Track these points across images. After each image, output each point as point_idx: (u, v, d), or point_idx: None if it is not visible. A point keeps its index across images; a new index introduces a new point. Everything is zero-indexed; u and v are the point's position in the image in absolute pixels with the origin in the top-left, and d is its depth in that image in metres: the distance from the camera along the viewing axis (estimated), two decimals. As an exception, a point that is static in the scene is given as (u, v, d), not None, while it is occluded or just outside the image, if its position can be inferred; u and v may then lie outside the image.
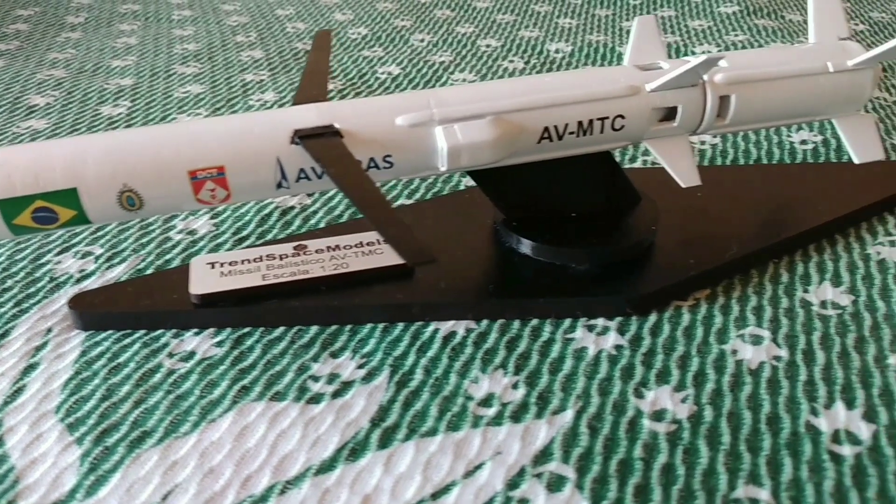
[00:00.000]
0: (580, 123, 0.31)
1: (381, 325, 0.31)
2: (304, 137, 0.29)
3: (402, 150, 0.30)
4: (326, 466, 0.25)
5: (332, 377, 0.29)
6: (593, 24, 0.69)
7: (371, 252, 0.34)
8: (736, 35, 0.65)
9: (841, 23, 0.36)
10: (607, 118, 0.32)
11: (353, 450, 0.25)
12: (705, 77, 0.32)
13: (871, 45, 0.58)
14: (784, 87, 0.33)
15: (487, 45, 0.64)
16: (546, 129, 0.31)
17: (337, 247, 0.34)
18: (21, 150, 0.28)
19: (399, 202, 0.41)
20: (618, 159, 0.43)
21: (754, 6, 0.72)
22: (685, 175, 0.33)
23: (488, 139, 0.30)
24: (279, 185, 0.29)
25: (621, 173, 0.35)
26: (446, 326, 0.31)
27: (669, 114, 0.33)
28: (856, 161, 0.36)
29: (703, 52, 0.61)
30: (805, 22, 0.68)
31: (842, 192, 0.39)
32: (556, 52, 0.62)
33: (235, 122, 0.29)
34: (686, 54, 0.61)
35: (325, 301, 0.31)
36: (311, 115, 0.29)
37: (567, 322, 0.31)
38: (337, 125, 0.29)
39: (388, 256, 0.33)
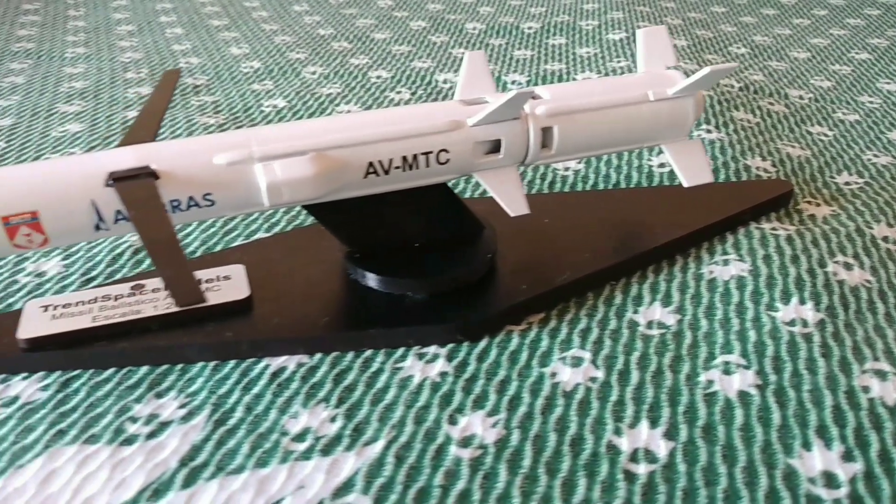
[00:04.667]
0: (405, 158, 0.32)
1: (211, 364, 0.31)
2: (118, 180, 0.29)
3: (221, 188, 0.30)
4: (124, 509, 0.25)
5: (150, 418, 0.29)
6: (486, 52, 0.70)
7: (208, 289, 0.34)
8: (618, 62, 0.68)
9: (669, 52, 0.38)
10: (431, 152, 0.32)
11: (157, 490, 0.25)
12: (527, 109, 0.34)
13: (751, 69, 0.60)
14: (605, 117, 0.35)
15: (378, 77, 0.65)
16: (371, 164, 0.32)
17: (177, 285, 0.34)
18: None
19: (257, 235, 0.41)
20: (464, 189, 0.45)
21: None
22: (513, 204, 0.34)
23: (309, 175, 0.31)
24: (97, 227, 0.30)
25: (459, 203, 0.36)
26: (277, 362, 0.32)
27: (495, 146, 0.34)
28: (685, 184, 0.38)
29: (584, 79, 0.63)
30: (688, 46, 0.71)
31: (686, 213, 0.41)
32: (445, 82, 0.64)
33: (50, 165, 0.30)
34: (569, 80, 0.63)
35: (154, 341, 0.31)
36: (127, 157, 0.30)
37: (400, 351, 0.32)
38: (154, 166, 0.29)
39: (223, 293, 0.33)
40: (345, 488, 0.25)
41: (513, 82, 0.63)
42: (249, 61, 0.69)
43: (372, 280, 0.35)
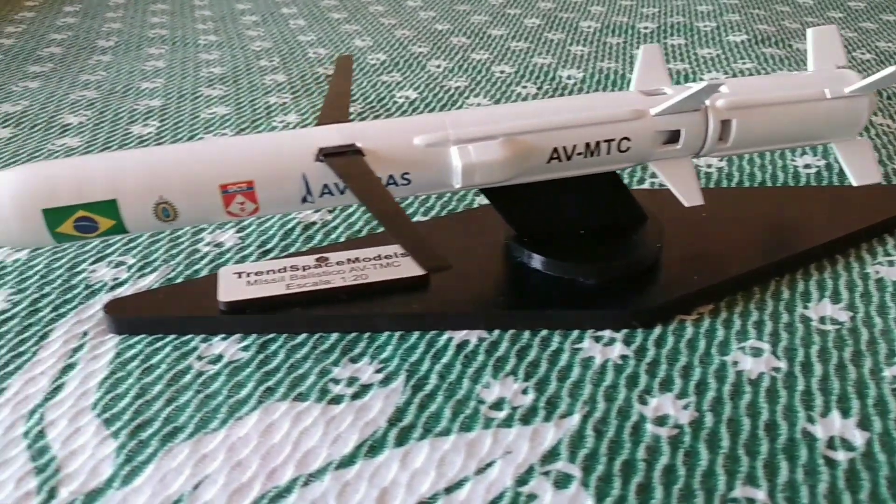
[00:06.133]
0: (588, 145, 0.33)
1: (397, 334, 0.33)
2: (328, 155, 0.31)
3: (419, 168, 0.32)
4: (346, 461, 0.26)
5: (351, 380, 0.30)
6: (605, 51, 0.71)
7: (389, 264, 0.35)
8: (744, 63, 0.67)
9: (839, 52, 0.38)
10: (613, 140, 0.33)
11: (372, 447, 0.27)
12: (707, 102, 0.34)
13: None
14: (782, 112, 0.35)
15: (501, 71, 0.66)
16: (555, 149, 0.33)
17: (357, 259, 0.36)
18: (65, 164, 0.30)
19: (415, 218, 0.42)
20: (626, 181, 0.45)
21: (762, 35, 0.74)
22: (689, 195, 0.35)
23: (500, 158, 0.32)
24: (304, 200, 0.31)
25: (627, 192, 0.37)
26: (459, 335, 0.33)
27: (673, 137, 0.34)
28: (854, 183, 0.38)
29: (712, 79, 0.63)
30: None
31: (842, 214, 0.41)
32: (569, 78, 0.64)
33: (264, 139, 0.32)
34: (695, 81, 0.63)
35: (346, 310, 0.33)
36: (334, 135, 0.31)
37: (575, 333, 0.33)
38: (358, 144, 0.31)
39: (405, 268, 0.35)
40: (551, 456, 0.26)
41: (638, 81, 0.63)
42: (374, 53, 0.71)
43: (541, 263, 0.35)
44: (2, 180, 0.29)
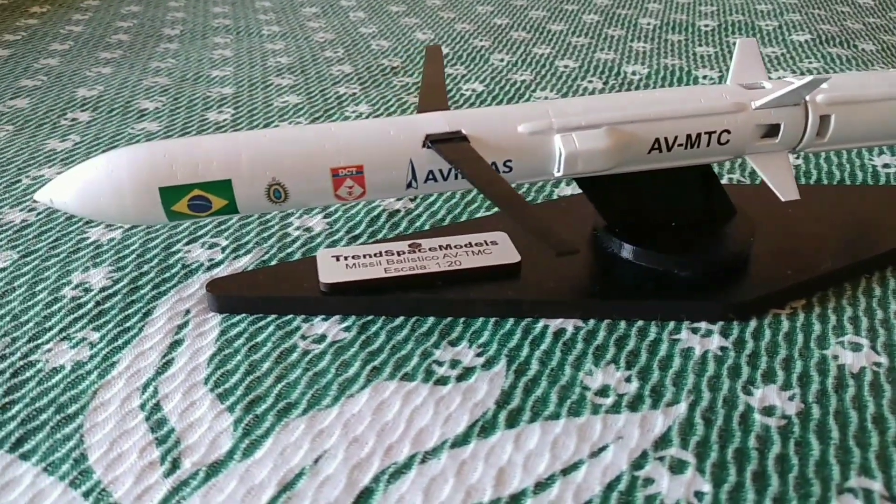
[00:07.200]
0: (689, 136, 0.33)
1: (492, 319, 0.33)
2: (435, 142, 0.31)
3: (521, 155, 0.32)
4: (461, 441, 0.27)
5: (454, 363, 0.31)
6: (666, 48, 0.71)
7: (480, 252, 0.36)
8: (810, 62, 0.67)
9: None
10: (714, 132, 0.33)
11: (484, 427, 0.27)
12: (807, 97, 0.34)
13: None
14: (882, 110, 0.35)
15: (565, 66, 0.66)
16: (657, 140, 0.33)
17: (449, 246, 0.36)
18: (181, 143, 0.31)
19: (493, 211, 0.43)
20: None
21: (826, 35, 0.74)
22: (785, 189, 0.35)
23: (603, 147, 0.32)
24: (409, 185, 0.32)
25: (719, 186, 0.37)
26: (555, 323, 0.33)
27: (772, 130, 0.34)
28: (948, 183, 0.37)
29: (779, 78, 0.62)
30: (879, 51, 0.70)
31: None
32: (633, 73, 0.64)
33: (373, 125, 0.32)
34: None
35: (442, 294, 0.34)
36: (440, 122, 0.32)
37: (671, 324, 0.33)
38: (464, 131, 0.32)
39: (496, 256, 0.35)
40: (663, 442, 0.27)
41: (704, 77, 0.63)
42: (437, 46, 0.71)
43: (632, 254, 0.36)
44: (120, 158, 0.30)
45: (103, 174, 0.30)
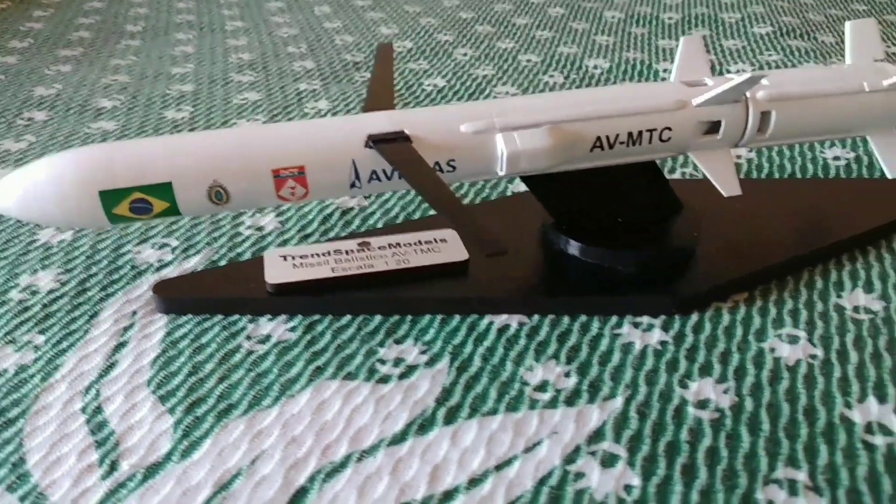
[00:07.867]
0: (630, 134, 0.34)
1: (439, 317, 0.34)
2: (377, 142, 0.31)
3: (464, 155, 0.32)
4: (398, 439, 0.27)
5: (397, 361, 0.31)
6: (629, 41, 0.71)
7: (429, 249, 0.36)
8: (770, 55, 0.67)
9: (877, 45, 0.38)
10: (656, 130, 0.34)
11: (422, 425, 0.28)
12: (748, 93, 0.35)
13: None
14: (821, 105, 0.36)
15: (528, 61, 0.66)
16: (598, 138, 0.33)
17: (398, 244, 0.36)
18: (121, 146, 0.31)
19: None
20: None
21: (787, 27, 0.75)
22: (727, 185, 0.35)
23: (544, 146, 0.32)
24: (353, 185, 0.32)
25: (665, 182, 0.38)
26: (500, 319, 0.34)
27: (713, 127, 0.35)
28: (889, 176, 0.38)
29: (738, 71, 0.63)
30: (838, 44, 0.70)
31: (874, 205, 0.41)
32: (595, 67, 0.65)
33: (315, 126, 0.32)
34: (720, 73, 0.64)
35: (390, 293, 0.34)
36: (383, 122, 0.32)
37: (614, 319, 0.34)
38: (407, 131, 0.32)
39: (445, 254, 0.36)
40: (597, 436, 0.27)
41: (664, 70, 0.64)
42: (400, 41, 0.71)
43: (579, 250, 0.36)
44: (60, 162, 0.30)
45: (44, 178, 0.30)
